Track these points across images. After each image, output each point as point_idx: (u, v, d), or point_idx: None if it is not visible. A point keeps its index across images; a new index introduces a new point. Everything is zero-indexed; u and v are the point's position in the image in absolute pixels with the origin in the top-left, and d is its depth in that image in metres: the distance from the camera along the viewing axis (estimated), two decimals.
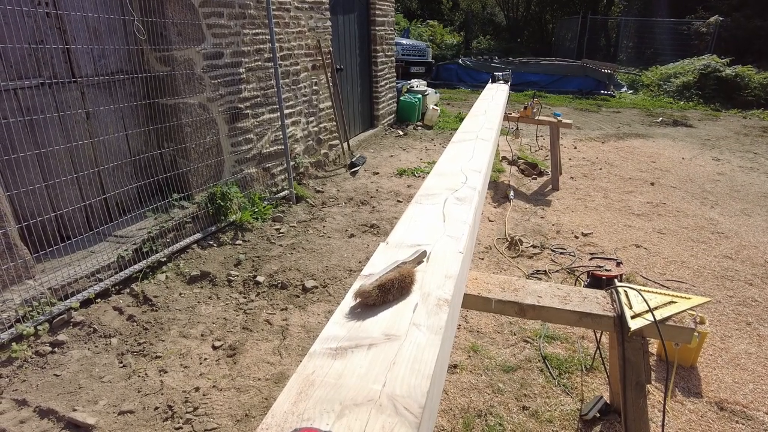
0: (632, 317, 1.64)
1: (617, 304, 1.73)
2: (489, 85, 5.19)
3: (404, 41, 12.23)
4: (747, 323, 3.03)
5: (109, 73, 3.36)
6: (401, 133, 7.95)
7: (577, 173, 6.16)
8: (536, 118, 5.56)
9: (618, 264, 3.64)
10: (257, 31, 4.36)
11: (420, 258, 1.19)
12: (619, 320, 1.66)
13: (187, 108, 3.68)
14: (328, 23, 5.66)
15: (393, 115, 8.41)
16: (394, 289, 1.04)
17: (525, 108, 5.54)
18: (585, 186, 5.66)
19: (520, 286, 1.86)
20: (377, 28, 7.25)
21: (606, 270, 3.53)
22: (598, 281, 3.58)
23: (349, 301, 1.01)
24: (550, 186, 5.60)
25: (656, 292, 1.80)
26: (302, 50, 5.17)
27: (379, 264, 1.14)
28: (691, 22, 15.99)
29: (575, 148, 7.49)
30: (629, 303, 1.72)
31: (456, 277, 1.10)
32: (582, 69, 13.18)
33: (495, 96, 4.32)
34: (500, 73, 5.58)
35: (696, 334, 1.66)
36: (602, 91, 12.72)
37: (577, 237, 4.26)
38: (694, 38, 15.60)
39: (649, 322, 1.61)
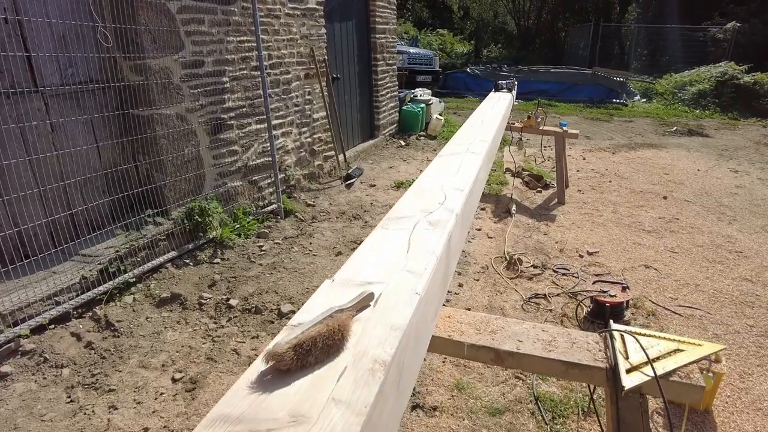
0: (628, 370, 1.36)
1: (611, 351, 1.45)
2: (491, 94, 4.92)
3: (411, 50, 12.03)
4: None
5: (78, 82, 3.18)
6: (403, 143, 7.71)
7: (585, 186, 5.85)
8: (540, 128, 5.27)
9: (624, 288, 3.30)
10: (243, 38, 4.17)
11: (364, 302, 0.93)
12: (612, 374, 1.39)
13: (162, 119, 3.49)
14: (323, 31, 5.46)
15: (395, 125, 8.18)
16: (316, 349, 0.78)
17: (528, 117, 5.26)
18: (593, 200, 5.35)
19: (499, 327, 1.59)
20: (377, 35, 7.05)
21: (610, 295, 3.22)
22: (601, 308, 3.25)
23: (259, 364, 0.76)
24: (556, 200, 5.30)
25: (660, 337, 1.51)
26: (294, 58, 4.97)
27: (316, 309, 0.89)
28: (707, 29, 15.58)
29: (584, 159, 7.18)
30: (625, 351, 1.44)
31: (404, 329, 0.84)
32: (593, 77, 12.85)
33: (495, 105, 4.05)
34: (504, 82, 5.31)
35: (711, 375, 1.38)
36: (614, 100, 12.37)
37: (582, 256, 3.96)
38: (711, 45, 15.18)
39: (648, 378, 1.33)
